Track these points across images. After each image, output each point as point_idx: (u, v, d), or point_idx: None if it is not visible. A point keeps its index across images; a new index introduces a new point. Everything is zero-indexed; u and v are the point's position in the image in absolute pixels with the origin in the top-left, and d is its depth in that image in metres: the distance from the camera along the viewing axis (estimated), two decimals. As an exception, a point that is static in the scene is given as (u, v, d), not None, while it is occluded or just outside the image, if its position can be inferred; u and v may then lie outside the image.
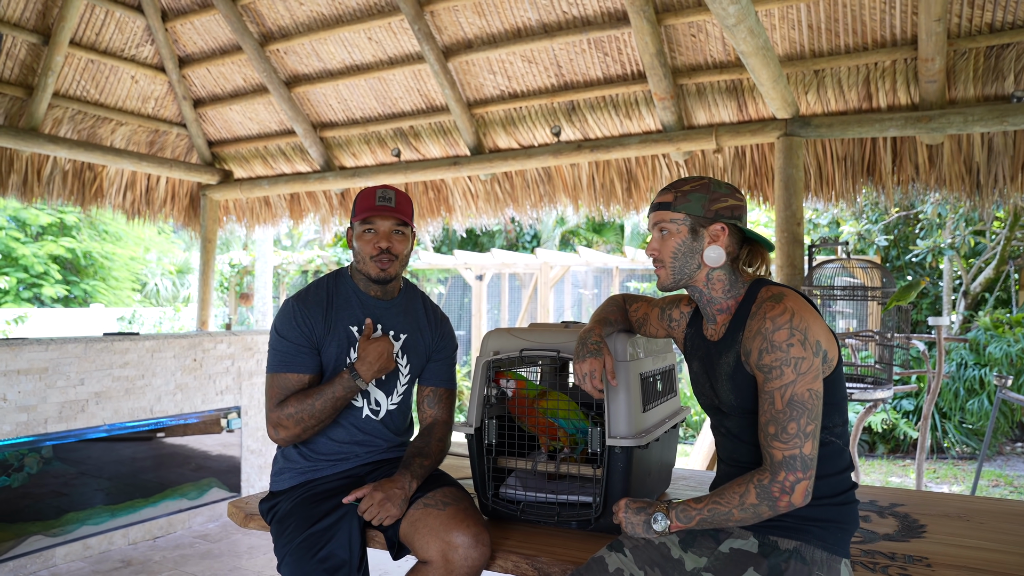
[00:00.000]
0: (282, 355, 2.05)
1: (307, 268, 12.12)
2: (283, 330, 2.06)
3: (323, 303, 2.11)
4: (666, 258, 1.67)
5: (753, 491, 1.51)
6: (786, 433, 1.49)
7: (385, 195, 2.09)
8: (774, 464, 1.50)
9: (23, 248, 18.20)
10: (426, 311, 2.26)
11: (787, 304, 1.55)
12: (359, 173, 5.40)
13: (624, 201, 4.84)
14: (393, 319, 2.17)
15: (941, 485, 6.32)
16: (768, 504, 1.51)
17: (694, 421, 7.94)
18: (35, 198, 5.41)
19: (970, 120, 3.53)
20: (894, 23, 3.66)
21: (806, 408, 1.50)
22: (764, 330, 1.54)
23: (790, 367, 1.50)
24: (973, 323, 8.33)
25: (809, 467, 1.49)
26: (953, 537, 1.95)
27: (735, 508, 1.53)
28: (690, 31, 4.06)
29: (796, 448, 1.49)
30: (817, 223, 8.92)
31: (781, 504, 1.50)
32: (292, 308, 2.08)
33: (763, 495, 1.50)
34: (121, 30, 5.32)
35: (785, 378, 1.50)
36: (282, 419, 2.00)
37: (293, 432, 2.01)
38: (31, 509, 3.67)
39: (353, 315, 2.12)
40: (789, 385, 1.50)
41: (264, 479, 4.83)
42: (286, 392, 2.03)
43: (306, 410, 1.99)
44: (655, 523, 1.61)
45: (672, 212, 1.66)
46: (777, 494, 1.49)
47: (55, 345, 3.79)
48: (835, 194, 4.25)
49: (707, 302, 1.71)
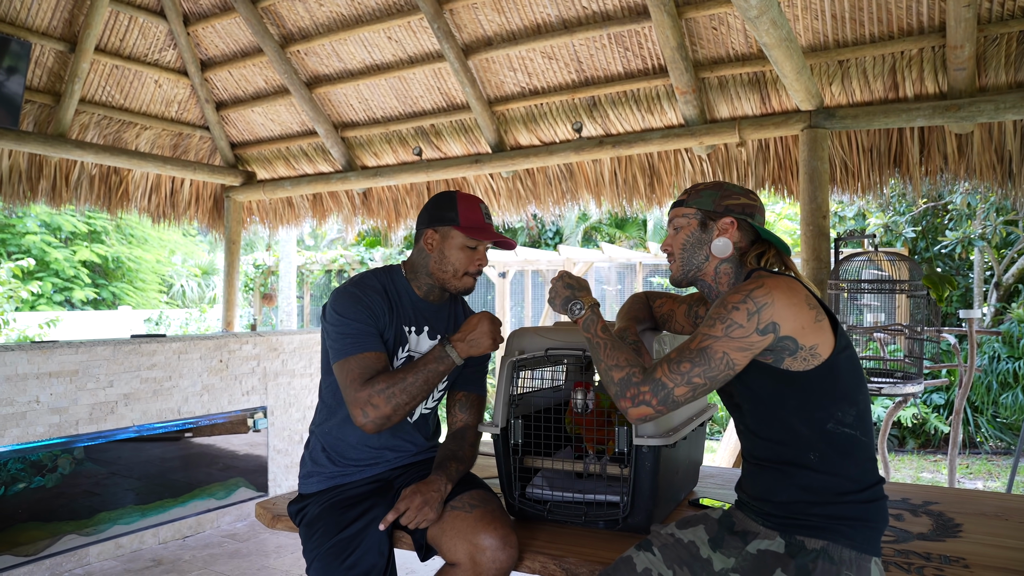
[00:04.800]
0: (353, 337, 1.95)
1: (331, 268, 12.19)
2: (348, 312, 1.97)
3: (382, 293, 2.05)
4: (676, 251, 1.73)
5: (623, 374, 1.57)
6: (677, 366, 1.52)
7: (487, 212, 2.08)
8: (650, 376, 1.54)
9: (55, 252, 18.52)
10: (465, 314, 2.25)
11: (763, 280, 1.55)
12: (381, 172, 5.42)
13: (647, 196, 4.81)
14: (442, 323, 2.16)
15: (975, 481, 6.22)
16: (616, 392, 1.57)
17: (720, 417, 7.88)
18: (64, 203, 5.49)
19: (1002, 108, 3.46)
20: (921, 10, 3.59)
21: (709, 364, 1.51)
22: (728, 291, 1.58)
23: (723, 324, 1.51)
24: (1006, 315, 8.17)
25: (666, 405, 1.53)
26: (991, 537, 1.91)
27: (604, 363, 1.61)
28: (711, 24, 4.02)
29: (672, 383, 1.52)
30: (843, 216, 8.80)
31: (621, 404, 1.56)
32: (352, 293, 2.00)
33: (622, 384, 1.56)
34: (144, 35, 5.38)
35: (714, 330, 1.52)
36: (373, 397, 1.87)
37: (383, 412, 1.88)
38: (65, 509, 3.73)
39: (406, 315, 2.09)
40: (712, 338, 1.52)
41: (291, 479, 4.87)
42: (367, 372, 1.91)
43: (398, 385, 1.88)
44: (570, 310, 1.73)
45: (684, 208, 1.73)
46: (628, 396, 1.55)
47: (85, 348, 3.84)
48: (861, 186, 4.18)
49: (715, 297, 1.71)
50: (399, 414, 1.91)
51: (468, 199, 2.07)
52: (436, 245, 2.06)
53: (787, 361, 1.55)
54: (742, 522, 1.69)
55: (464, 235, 2.03)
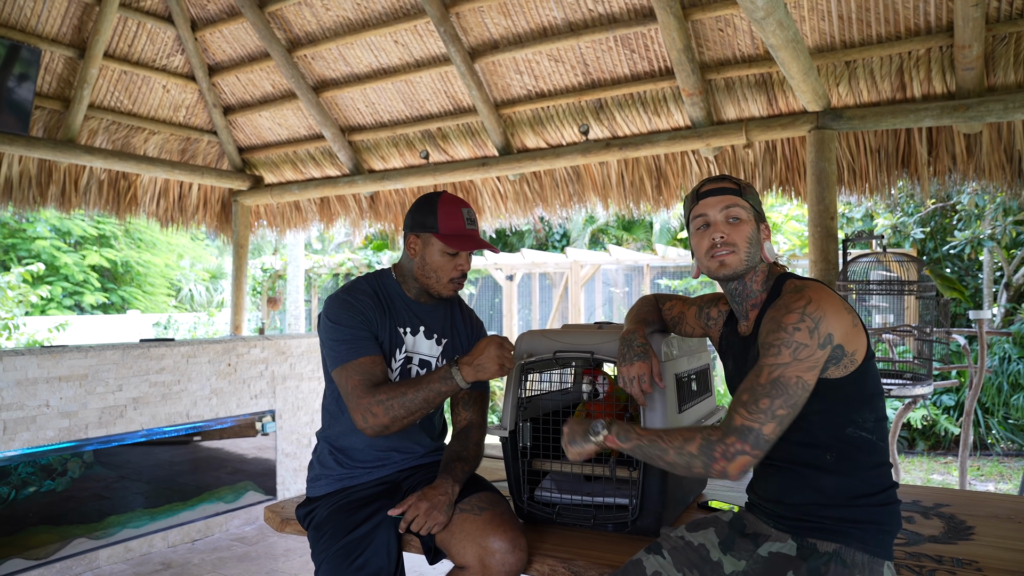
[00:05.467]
0: (348, 343, 1.97)
1: (338, 271, 12.21)
2: (341, 318, 1.98)
3: (373, 296, 2.06)
4: (740, 242, 1.64)
5: (698, 442, 1.48)
6: (756, 405, 1.46)
7: (471, 217, 2.05)
8: (729, 427, 1.47)
9: (64, 257, 18.62)
10: (463, 315, 2.25)
11: (807, 294, 1.54)
12: (388, 176, 5.43)
13: (654, 199, 4.80)
14: (437, 323, 2.16)
15: (986, 483, 6.18)
16: (704, 461, 1.47)
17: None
18: (73, 208, 5.52)
19: (1011, 107, 3.44)
20: (928, 10, 3.58)
21: (787, 392, 1.46)
22: (778, 313, 1.54)
23: (789, 349, 1.48)
24: (1016, 316, 8.12)
25: (760, 447, 1.45)
26: (1003, 540, 1.90)
27: (672, 449, 1.50)
28: (717, 25, 4.01)
29: (758, 423, 1.45)
30: (851, 217, 8.76)
31: (715, 468, 1.46)
32: (344, 299, 2.02)
33: (705, 450, 1.46)
34: (152, 41, 5.40)
35: (781, 358, 1.48)
36: (372, 406, 1.89)
37: (382, 421, 1.90)
38: (75, 512, 3.75)
39: (401, 316, 2.10)
40: (781, 366, 1.48)
41: (299, 482, 4.88)
42: (367, 376, 1.93)
43: (398, 400, 1.89)
44: (593, 433, 1.61)
45: (742, 199, 1.66)
46: (718, 456, 1.45)
47: (94, 352, 3.86)
48: (869, 187, 4.17)
49: (746, 296, 1.69)
50: (397, 425, 1.92)
51: (450, 204, 2.04)
52: (418, 251, 2.07)
53: (830, 370, 1.54)
54: (753, 524, 1.69)
55: (443, 243, 2.02)
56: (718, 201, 1.66)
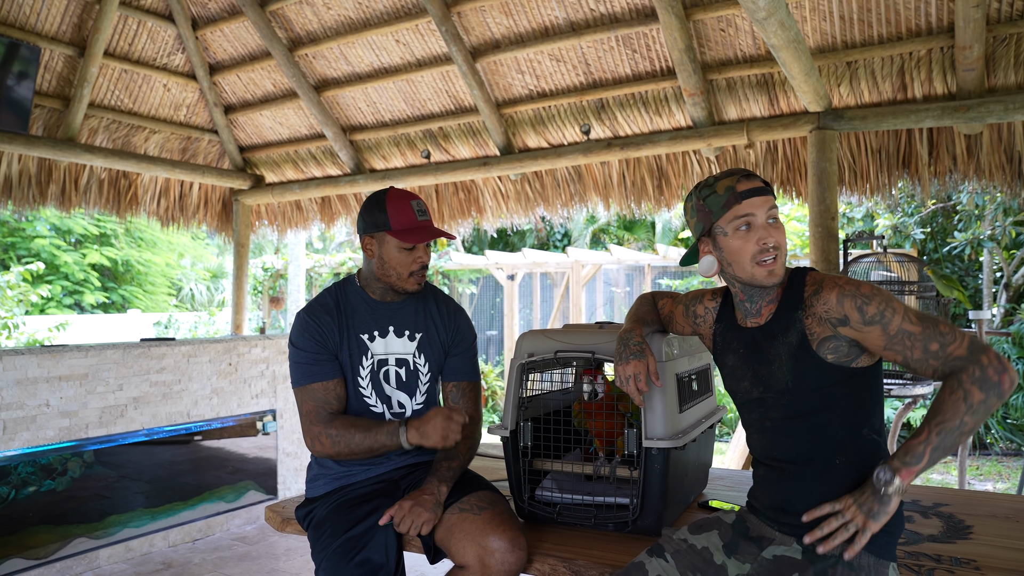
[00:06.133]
0: (304, 367, 2.04)
1: (339, 271, 12.21)
2: (299, 342, 2.06)
3: (332, 311, 2.09)
4: (783, 247, 1.60)
5: (975, 389, 1.40)
6: (946, 335, 1.45)
7: (421, 208, 2.05)
8: (968, 359, 1.42)
9: (64, 256, 18.62)
10: (438, 305, 2.22)
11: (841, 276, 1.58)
12: (389, 175, 5.43)
13: (655, 198, 4.80)
14: (406, 319, 2.15)
15: (985, 483, 6.18)
16: (995, 391, 1.40)
17: (729, 419, 7.86)
18: (73, 207, 5.52)
19: (1011, 108, 3.44)
20: (929, 11, 3.58)
21: (933, 316, 1.49)
22: (847, 292, 1.52)
23: (894, 302, 1.50)
24: (1016, 316, 8.12)
25: (990, 346, 1.43)
26: (1001, 539, 1.90)
27: (965, 415, 1.40)
28: (719, 25, 4.01)
29: (965, 336, 1.44)
30: (852, 217, 8.77)
31: (1005, 384, 1.40)
32: (304, 320, 2.07)
33: (985, 384, 1.39)
34: (153, 40, 5.41)
35: (899, 310, 1.49)
36: (322, 435, 1.99)
37: (328, 452, 2.01)
38: (76, 512, 3.75)
39: (363, 323, 2.11)
40: (906, 312, 1.49)
41: (300, 481, 4.88)
42: (320, 403, 2.02)
43: (345, 438, 1.97)
44: (881, 484, 1.46)
45: (775, 200, 1.63)
46: (995, 376, 1.40)
47: (94, 352, 3.86)
48: (870, 187, 4.16)
49: (764, 294, 1.65)
50: (342, 458, 2.02)
51: (398, 199, 2.04)
52: (375, 251, 2.07)
53: (861, 358, 1.55)
54: (756, 527, 1.68)
55: (398, 239, 2.03)
56: (763, 202, 1.58)
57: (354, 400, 2.08)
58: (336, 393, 2.05)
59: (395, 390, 2.11)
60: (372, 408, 2.09)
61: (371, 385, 2.09)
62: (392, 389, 2.11)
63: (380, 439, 1.96)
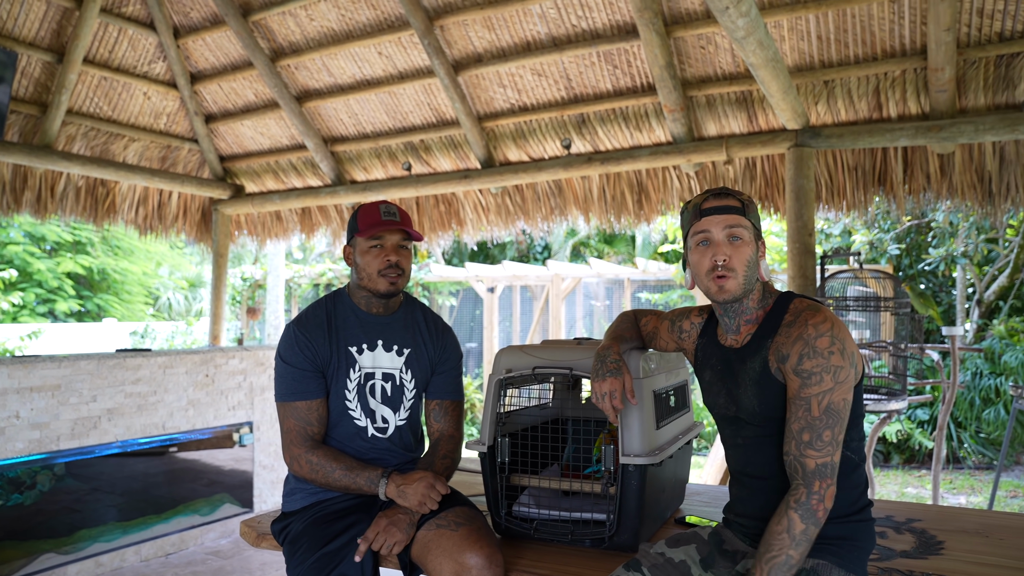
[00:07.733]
0: (289, 382, 2.05)
1: (319, 281, 12.15)
2: (287, 356, 2.06)
3: (323, 325, 2.10)
4: (739, 267, 1.61)
5: (796, 517, 1.48)
6: (821, 441, 1.50)
7: (389, 209, 2.09)
8: (807, 475, 1.50)
9: (38, 263, 18.35)
10: (427, 323, 2.24)
11: (826, 314, 1.56)
12: (370, 187, 5.42)
13: (635, 213, 4.83)
14: (395, 334, 2.16)
15: (958, 496, 6.25)
16: (813, 522, 1.49)
17: (706, 434, 7.89)
18: (49, 214, 5.45)
19: (981, 129, 3.51)
20: (903, 33, 3.65)
21: (840, 417, 1.51)
22: (806, 336, 1.54)
23: (830, 375, 1.51)
24: (988, 332, 8.25)
25: (835, 474, 1.51)
26: (972, 554, 1.92)
27: (790, 549, 1.48)
28: (699, 43, 4.06)
29: (828, 456, 1.50)
30: (829, 233, 8.88)
31: (820, 515, 1.49)
32: (293, 333, 2.07)
33: (807, 515, 1.49)
34: (134, 47, 5.37)
35: (824, 385, 1.51)
36: (301, 459, 2.02)
37: (305, 475, 2.03)
38: (43, 527, 3.68)
39: (353, 335, 2.11)
40: (827, 392, 1.50)
41: (276, 494, 4.83)
42: (302, 423, 2.03)
43: (325, 470, 1.99)
44: None
45: (744, 219, 1.63)
46: (816, 506, 1.49)
47: (68, 362, 3.81)
48: (846, 204, 4.23)
49: (740, 312, 1.68)
50: (317, 484, 2.04)
51: (368, 206, 2.12)
52: (353, 258, 2.13)
53: None
54: (731, 541, 1.69)
55: (363, 239, 2.09)
56: (722, 220, 1.62)
57: (339, 413, 2.08)
58: (318, 414, 2.05)
59: (380, 404, 2.11)
60: (356, 421, 2.08)
61: (357, 398, 2.09)
62: (377, 403, 2.10)
63: (359, 482, 1.97)
